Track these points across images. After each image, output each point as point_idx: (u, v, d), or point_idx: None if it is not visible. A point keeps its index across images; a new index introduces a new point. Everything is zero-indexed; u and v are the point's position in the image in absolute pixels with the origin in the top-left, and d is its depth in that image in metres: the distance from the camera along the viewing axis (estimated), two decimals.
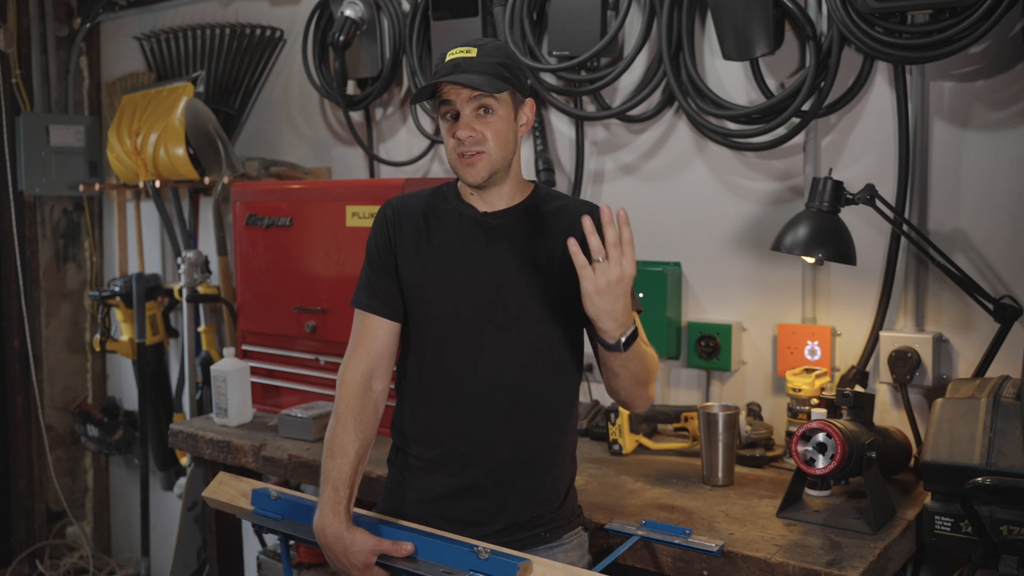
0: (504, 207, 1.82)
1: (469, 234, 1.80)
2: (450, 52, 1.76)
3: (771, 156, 2.53)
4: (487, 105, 1.73)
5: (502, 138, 1.75)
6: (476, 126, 1.72)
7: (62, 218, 4.32)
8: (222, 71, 3.67)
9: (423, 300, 1.81)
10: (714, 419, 2.22)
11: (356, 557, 1.71)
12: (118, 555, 4.46)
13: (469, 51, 1.74)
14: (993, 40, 2.19)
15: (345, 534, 1.72)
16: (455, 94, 1.72)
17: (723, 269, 2.63)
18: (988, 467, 1.81)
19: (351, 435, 1.78)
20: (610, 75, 2.63)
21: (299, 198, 2.89)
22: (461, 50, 1.74)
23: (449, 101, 1.74)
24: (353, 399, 1.81)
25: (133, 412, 4.20)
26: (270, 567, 3.09)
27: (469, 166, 1.74)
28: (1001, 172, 2.23)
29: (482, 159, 1.74)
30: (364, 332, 1.85)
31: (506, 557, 1.63)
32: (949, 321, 2.32)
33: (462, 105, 1.72)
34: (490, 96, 1.72)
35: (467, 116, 1.73)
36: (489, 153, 1.74)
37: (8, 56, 4.03)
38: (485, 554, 1.63)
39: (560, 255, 1.77)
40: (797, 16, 2.36)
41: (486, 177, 1.75)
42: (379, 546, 1.71)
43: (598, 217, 1.58)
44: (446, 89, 1.73)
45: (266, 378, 2.99)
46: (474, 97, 1.72)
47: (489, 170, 1.75)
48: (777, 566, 1.76)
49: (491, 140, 1.73)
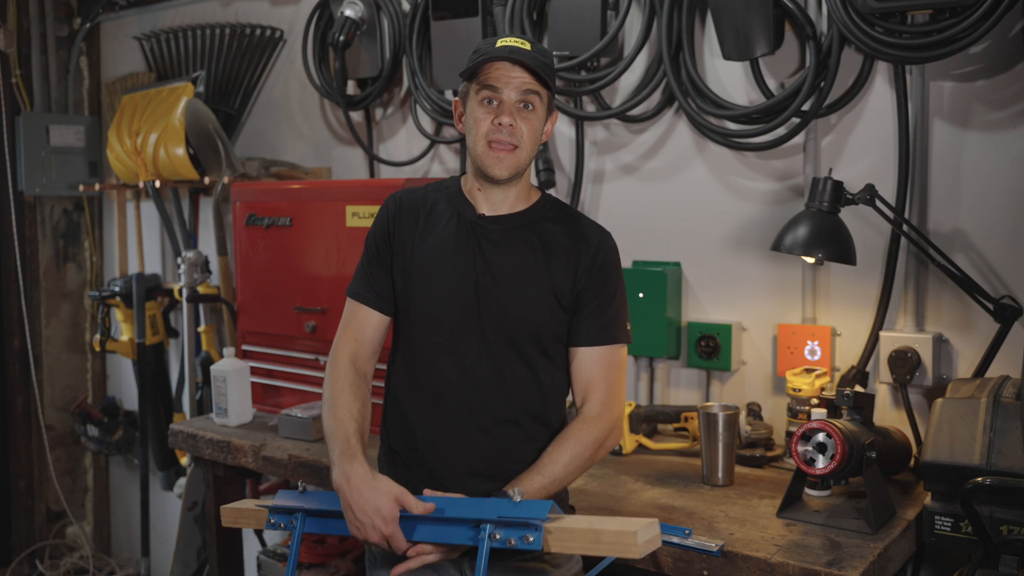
0: (506, 212, 1.81)
1: (462, 237, 1.79)
2: (500, 39, 1.72)
3: (771, 156, 2.53)
4: (531, 101, 1.70)
5: (535, 138, 1.74)
6: (518, 119, 1.71)
7: (62, 218, 4.32)
8: (222, 71, 3.67)
9: (409, 297, 1.81)
10: (714, 419, 2.22)
11: (383, 502, 1.62)
12: (118, 555, 4.46)
13: (523, 43, 1.71)
14: (993, 40, 2.19)
15: (370, 476, 1.65)
16: (505, 81, 1.69)
17: (723, 269, 2.63)
18: (988, 467, 1.81)
19: (349, 397, 1.77)
20: (610, 75, 2.63)
21: (299, 198, 2.89)
22: (515, 40, 1.71)
23: (495, 87, 1.70)
24: (346, 371, 1.81)
25: (133, 412, 4.20)
26: (270, 567, 3.09)
27: (498, 159, 1.72)
28: (1001, 172, 2.23)
29: (513, 154, 1.73)
30: (353, 320, 1.86)
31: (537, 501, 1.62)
32: (949, 321, 2.32)
33: (509, 93, 1.69)
34: (537, 92, 1.70)
35: (512, 105, 1.70)
36: (522, 149, 1.73)
37: (8, 56, 4.03)
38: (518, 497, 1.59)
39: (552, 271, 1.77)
40: (797, 16, 2.36)
41: (510, 174, 1.74)
42: (403, 496, 1.63)
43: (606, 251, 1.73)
44: (495, 74, 1.69)
45: (266, 378, 2.99)
46: (525, 90, 1.69)
47: (515, 168, 1.74)
48: (777, 566, 1.76)
49: (526, 137, 1.72)
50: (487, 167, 1.74)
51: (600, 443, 1.78)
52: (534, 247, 1.79)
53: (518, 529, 1.57)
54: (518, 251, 1.79)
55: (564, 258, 1.79)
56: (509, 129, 1.70)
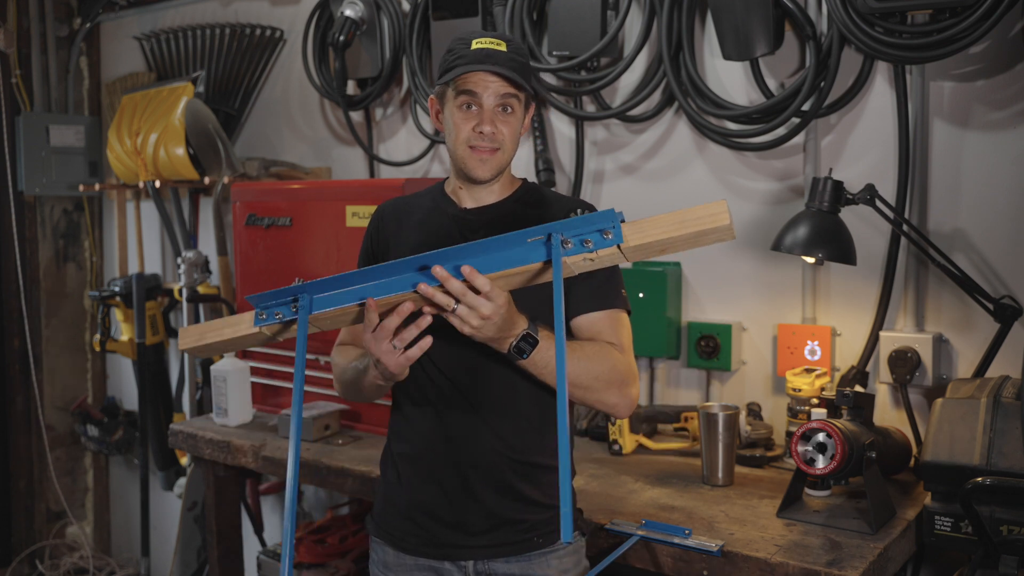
0: (488, 203, 1.81)
1: (444, 231, 1.79)
2: (475, 40, 1.70)
3: (771, 156, 2.53)
4: (510, 104, 1.70)
5: (515, 138, 1.74)
6: (498, 123, 1.70)
7: (62, 218, 4.32)
8: (222, 71, 3.67)
9: None
10: (714, 419, 2.22)
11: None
12: (118, 555, 4.46)
13: (499, 43, 1.69)
14: (993, 40, 2.19)
15: None
16: (483, 86, 1.68)
17: (723, 269, 2.63)
18: (988, 467, 1.81)
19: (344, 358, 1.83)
20: (610, 75, 2.63)
21: (299, 198, 2.89)
22: (491, 41, 1.69)
23: (472, 92, 1.69)
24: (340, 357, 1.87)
25: (133, 412, 4.20)
26: (270, 567, 3.09)
27: (481, 161, 1.72)
28: (1001, 172, 2.23)
29: (496, 157, 1.72)
30: (350, 329, 1.88)
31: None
32: (949, 321, 2.32)
33: (488, 99, 1.69)
34: (516, 95, 1.70)
35: (492, 111, 1.69)
36: (503, 152, 1.73)
37: (8, 56, 4.03)
38: (578, 211, 1.45)
39: None
40: (797, 16, 2.36)
41: (494, 175, 1.75)
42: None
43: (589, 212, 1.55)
44: (474, 79, 1.68)
45: (266, 378, 2.99)
46: (503, 94, 1.69)
47: (498, 168, 1.74)
48: (777, 566, 1.76)
49: (507, 139, 1.72)
50: (470, 170, 1.74)
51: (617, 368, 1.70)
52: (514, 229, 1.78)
53: (590, 232, 1.43)
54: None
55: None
56: (494, 136, 1.70)
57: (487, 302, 1.50)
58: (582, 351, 1.68)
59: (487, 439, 1.75)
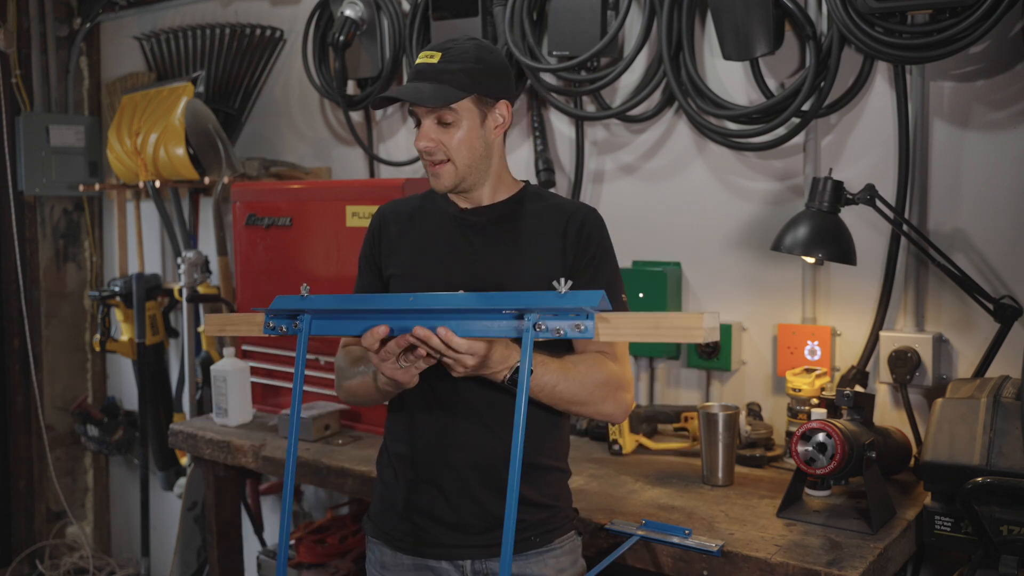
0: (486, 204, 1.82)
1: (447, 230, 1.81)
2: (420, 54, 1.74)
3: (771, 156, 2.53)
4: (446, 118, 1.71)
5: (466, 147, 1.73)
6: (435, 136, 1.72)
7: (62, 218, 4.32)
8: (222, 71, 3.67)
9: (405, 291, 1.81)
10: (714, 419, 2.22)
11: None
12: (118, 555, 4.46)
13: (433, 56, 1.71)
14: (993, 40, 2.19)
15: None
16: (419, 106, 1.71)
17: (723, 269, 2.63)
18: (988, 467, 1.81)
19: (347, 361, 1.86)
20: (610, 75, 2.63)
21: (299, 198, 2.89)
22: (427, 54, 1.73)
23: (413, 112, 1.74)
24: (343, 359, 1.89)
25: (133, 412, 4.20)
26: (270, 567, 3.09)
27: (435, 175, 1.75)
28: (1001, 172, 2.23)
29: (446, 168, 1.74)
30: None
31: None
32: (949, 321, 2.32)
33: (423, 115, 1.72)
34: (447, 109, 1.70)
35: (427, 126, 1.72)
36: (453, 162, 1.73)
37: (8, 56, 4.03)
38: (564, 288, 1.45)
39: (542, 251, 1.77)
40: (797, 16, 2.36)
41: (452, 186, 1.76)
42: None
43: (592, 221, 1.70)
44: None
45: (266, 378, 2.99)
46: (431, 109, 1.71)
47: (455, 179, 1.75)
48: (777, 566, 1.76)
49: (453, 150, 1.73)
50: (432, 183, 1.78)
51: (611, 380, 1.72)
52: (520, 230, 1.79)
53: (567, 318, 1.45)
54: (505, 236, 1.79)
55: (552, 236, 1.79)
56: (427, 150, 1.73)
57: (469, 356, 1.54)
58: (575, 370, 1.69)
59: (485, 439, 1.75)
